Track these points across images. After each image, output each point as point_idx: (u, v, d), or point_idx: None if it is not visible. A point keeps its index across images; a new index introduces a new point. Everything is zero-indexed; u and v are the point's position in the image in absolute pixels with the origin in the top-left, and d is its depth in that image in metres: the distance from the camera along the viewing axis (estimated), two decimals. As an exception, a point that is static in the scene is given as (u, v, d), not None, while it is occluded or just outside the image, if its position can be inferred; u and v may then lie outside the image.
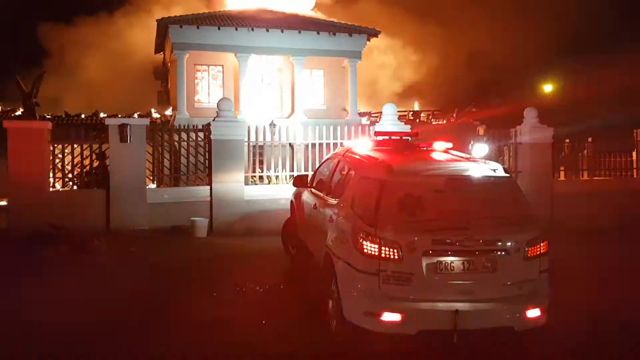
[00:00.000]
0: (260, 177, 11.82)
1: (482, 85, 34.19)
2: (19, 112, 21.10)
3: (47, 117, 20.89)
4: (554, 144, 12.08)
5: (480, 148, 5.50)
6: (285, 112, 20.98)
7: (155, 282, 7.18)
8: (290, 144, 12.19)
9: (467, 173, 5.09)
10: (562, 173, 13.06)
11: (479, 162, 5.36)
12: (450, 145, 5.96)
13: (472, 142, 5.54)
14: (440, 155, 5.66)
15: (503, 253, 4.72)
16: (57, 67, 30.82)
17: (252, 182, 11.66)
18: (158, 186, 11.46)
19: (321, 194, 6.60)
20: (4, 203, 11.18)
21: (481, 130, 14.29)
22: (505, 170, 5.34)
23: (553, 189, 11.79)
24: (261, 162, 11.94)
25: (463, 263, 4.65)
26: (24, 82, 11.11)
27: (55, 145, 10.64)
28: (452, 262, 4.64)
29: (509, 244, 4.76)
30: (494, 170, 5.22)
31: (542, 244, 4.88)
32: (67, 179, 10.85)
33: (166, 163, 11.35)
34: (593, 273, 7.42)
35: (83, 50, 32.49)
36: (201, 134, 11.29)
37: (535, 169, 11.70)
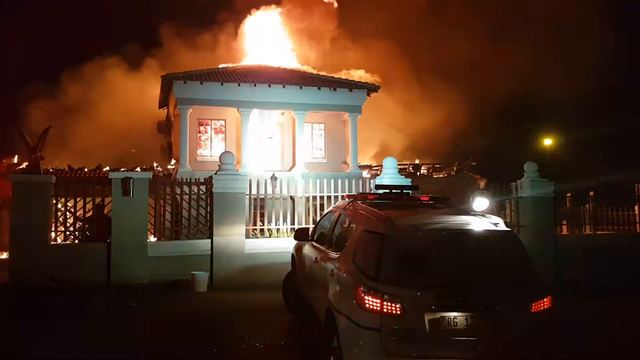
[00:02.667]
0: (262, 230, 11.79)
1: (483, 138, 34.61)
2: (24, 165, 21.28)
3: (51, 170, 21.07)
4: (555, 197, 12.12)
5: (481, 202, 5.52)
6: (287, 165, 21.17)
7: (156, 338, 7.05)
8: (291, 196, 12.24)
9: (468, 227, 5.10)
10: (564, 227, 13.02)
11: (480, 216, 5.39)
12: (451, 199, 6.00)
13: (473, 196, 5.57)
14: (441, 209, 5.69)
15: (506, 309, 4.67)
16: (62, 121, 31.36)
17: (253, 235, 11.63)
18: (158, 239, 11.42)
19: (322, 248, 6.59)
20: (5, 256, 11.14)
21: (482, 183, 14.37)
22: (507, 225, 5.36)
23: (556, 243, 11.74)
24: (262, 215, 11.95)
25: (466, 319, 4.60)
26: (29, 135, 11.31)
27: (58, 199, 10.70)
28: (455, 317, 4.58)
29: (512, 299, 4.72)
30: (496, 225, 5.24)
31: (546, 300, 4.83)
32: (68, 232, 10.84)
33: (168, 216, 11.36)
34: (599, 330, 7.28)
35: (88, 104, 33.16)
36: (203, 187, 11.36)
37: (537, 223, 11.68)
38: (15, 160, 24.79)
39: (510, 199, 12.29)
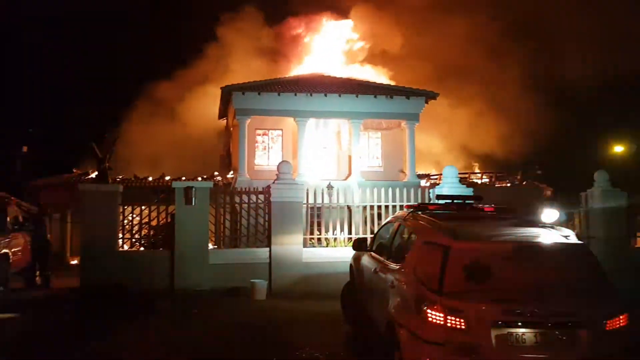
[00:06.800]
0: (319, 239, 11.81)
1: (547, 146, 33.00)
2: (93, 175, 22.31)
3: (118, 179, 21.96)
4: (629, 208, 11.47)
5: (551, 213, 5.29)
6: (342, 174, 21.15)
7: (217, 345, 7.16)
8: (348, 206, 12.20)
9: (537, 239, 4.90)
10: (639, 240, 12.29)
11: (550, 228, 5.16)
12: (517, 209, 5.79)
13: (541, 207, 5.34)
14: (507, 220, 5.49)
15: (579, 326, 4.44)
16: (128, 131, 32.66)
17: (310, 244, 11.67)
18: (218, 247, 11.66)
19: (381, 258, 6.51)
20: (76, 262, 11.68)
21: (548, 193, 13.79)
22: (579, 237, 5.10)
23: (631, 256, 11.09)
24: (319, 224, 11.98)
25: (535, 335, 4.40)
26: (98, 146, 11.89)
27: (125, 207, 11.12)
28: (523, 334, 4.40)
29: (585, 316, 4.48)
30: (567, 237, 5.00)
31: (622, 317, 4.56)
32: (134, 240, 11.25)
33: (227, 224, 11.59)
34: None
35: (152, 115, 34.38)
36: (261, 196, 11.52)
37: (610, 235, 11.08)
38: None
39: (579, 209, 11.75)
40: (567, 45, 34.97)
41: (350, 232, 11.78)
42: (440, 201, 6.62)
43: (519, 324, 4.39)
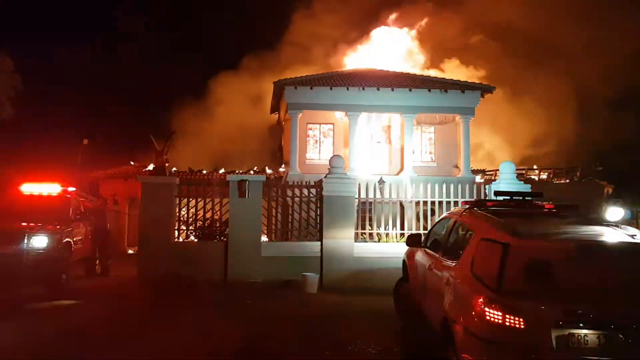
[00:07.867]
0: (370, 235, 11.77)
1: (609, 142, 31.55)
2: (150, 167, 23.03)
3: (173, 172, 22.59)
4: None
5: (615, 211, 5.07)
6: (394, 168, 20.97)
7: (270, 336, 7.28)
8: (400, 201, 12.09)
9: (601, 238, 4.71)
10: None
11: (614, 227, 4.95)
12: (579, 207, 5.58)
13: (605, 205, 5.13)
14: (568, 218, 5.30)
15: (646, 329, 4.24)
16: (183, 126, 33.54)
17: (361, 239, 11.65)
18: (269, 240, 11.82)
19: (436, 255, 6.42)
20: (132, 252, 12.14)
21: (609, 190, 13.20)
22: (638, 236, 4.87)
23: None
24: (370, 219, 11.93)
25: (598, 337, 4.24)
26: (156, 139, 12.27)
27: (181, 199, 11.45)
28: (585, 335, 4.24)
29: (652, 318, 4.27)
30: (633, 236, 4.78)
31: (693, 321, 4.32)
32: (189, 231, 11.55)
33: (279, 218, 11.73)
34: None
35: (206, 110, 35.14)
36: (313, 190, 11.58)
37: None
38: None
39: (643, 208, 11.22)
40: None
41: (402, 228, 11.68)
42: (499, 197, 6.47)
43: (581, 325, 4.24)
